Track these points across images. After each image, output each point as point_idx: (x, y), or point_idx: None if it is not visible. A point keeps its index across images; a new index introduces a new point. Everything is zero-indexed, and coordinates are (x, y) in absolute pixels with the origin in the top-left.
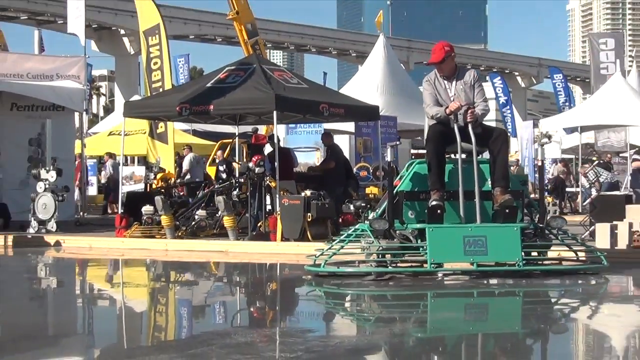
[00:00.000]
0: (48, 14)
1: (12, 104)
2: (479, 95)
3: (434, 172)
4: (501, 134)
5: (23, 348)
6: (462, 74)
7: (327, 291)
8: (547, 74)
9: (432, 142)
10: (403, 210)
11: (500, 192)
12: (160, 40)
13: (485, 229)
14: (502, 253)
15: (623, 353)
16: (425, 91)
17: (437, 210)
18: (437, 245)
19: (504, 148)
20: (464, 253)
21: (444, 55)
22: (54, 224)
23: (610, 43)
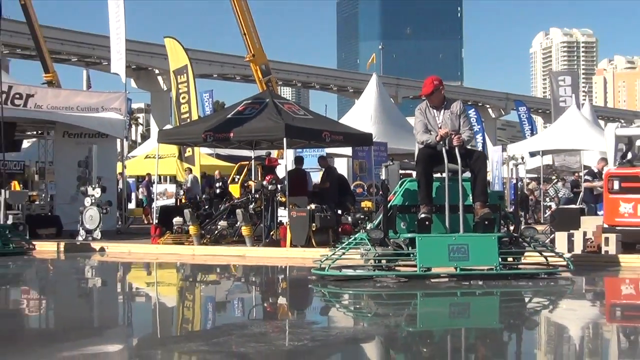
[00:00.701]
0: (95, 56)
1: (64, 132)
2: (465, 123)
3: (423, 189)
4: (480, 156)
5: (72, 337)
6: (449, 104)
7: (330, 291)
8: (514, 106)
9: (422, 163)
10: (396, 222)
11: (480, 206)
12: (188, 79)
13: (467, 238)
14: (482, 259)
15: (578, 340)
16: (416, 119)
17: (425, 221)
18: (426, 252)
19: (483, 168)
20: (448, 259)
21: (433, 88)
22: (99, 232)
23: (567, 80)
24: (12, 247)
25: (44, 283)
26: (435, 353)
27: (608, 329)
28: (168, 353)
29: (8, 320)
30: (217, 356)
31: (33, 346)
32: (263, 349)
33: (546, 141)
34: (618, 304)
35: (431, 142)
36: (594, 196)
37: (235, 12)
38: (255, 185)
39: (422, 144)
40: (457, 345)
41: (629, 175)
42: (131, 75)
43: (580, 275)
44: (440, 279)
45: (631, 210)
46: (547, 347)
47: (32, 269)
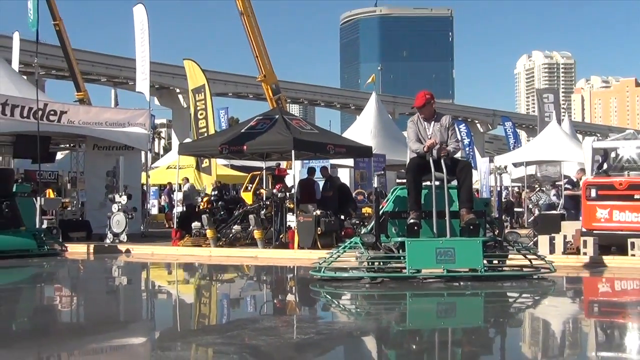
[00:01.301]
0: (122, 77)
1: (94, 145)
2: (452, 136)
3: (412, 196)
4: (466, 165)
5: (101, 330)
6: (439, 117)
7: (331, 291)
8: (500, 122)
9: (411, 172)
10: (388, 227)
11: (465, 212)
12: (205, 97)
13: (453, 242)
14: (468, 261)
15: (560, 334)
16: (409, 129)
17: (414, 227)
18: (415, 255)
19: (468, 176)
20: (436, 261)
21: (425, 102)
22: (125, 236)
23: (551, 97)
24: (46, 249)
25: (75, 281)
26: (427, 346)
27: (587, 324)
28: (187, 345)
29: (43, 315)
30: (232, 348)
31: (65, 339)
32: (273, 341)
33: (529, 153)
34: (596, 301)
35: (420, 152)
36: (574, 203)
37: (248, 38)
38: (266, 193)
39: (414, 152)
40: (444, 339)
41: (604, 184)
42: (154, 94)
43: (561, 275)
44: (429, 280)
45: (607, 216)
46: (531, 341)
47: (65, 268)
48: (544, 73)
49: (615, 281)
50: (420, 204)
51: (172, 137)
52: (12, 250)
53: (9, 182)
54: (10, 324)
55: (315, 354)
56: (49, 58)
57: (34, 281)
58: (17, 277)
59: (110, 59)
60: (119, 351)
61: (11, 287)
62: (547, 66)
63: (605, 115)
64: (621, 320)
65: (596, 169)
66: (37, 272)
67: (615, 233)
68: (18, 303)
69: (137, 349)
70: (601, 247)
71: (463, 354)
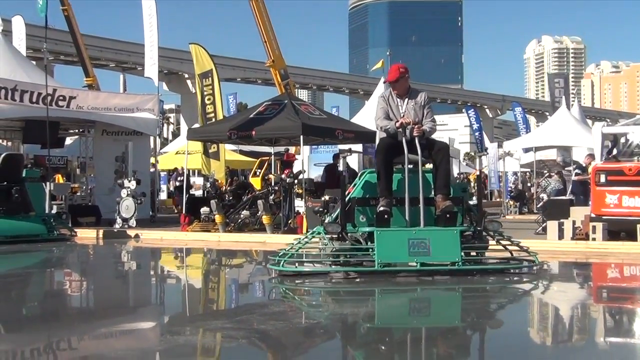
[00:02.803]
0: (130, 62)
1: (103, 130)
2: (428, 115)
3: (383, 181)
4: (443, 146)
5: (110, 315)
6: (414, 94)
7: (292, 287)
8: (509, 107)
9: (381, 154)
10: (355, 215)
11: (441, 199)
12: (213, 82)
13: (428, 232)
14: (444, 254)
15: (544, 335)
16: (378, 105)
17: (384, 215)
18: (385, 246)
19: (445, 159)
20: (408, 254)
21: (398, 76)
22: (134, 221)
23: (561, 82)
24: (56, 233)
25: (84, 266)
26: (397, 347)
27: (578, 327)
28: (195, 329)
29: (53, 300)
30: (241, 332)
31: (75, 323)
32: (281, 326)
33: (539, 138)
34: (582, 297)
35: (390, 129)
36: (583, 188)
37: (257, 23)
38: (274, 178)
39: (381, 129)
40: (417, 338)
41: (614, 169)
42: (163, 79)
43: (547, 268)
44: (402, 275)
45: (616, 202)
46: (512, 342)
47: (74, 253)
48: (554, 58)
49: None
50: (391, 190)
51: (180, 122)
52: (22, 235)
53: (19, 168)
54: (21, 309)
55: (320, 340)
56: (57, 43)
57: (43, 266)
58: (27, 262)
59: (119, 44)
60: (129, 335)
61: (21, 271)
62: (556, 51)
63: (615, 100)
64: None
65: (606, 155)
66: (47, 257)
67: (624, 219)
68: (28, 288)
69: (146, 333)
70: (610, 233)
71: (437, 356)
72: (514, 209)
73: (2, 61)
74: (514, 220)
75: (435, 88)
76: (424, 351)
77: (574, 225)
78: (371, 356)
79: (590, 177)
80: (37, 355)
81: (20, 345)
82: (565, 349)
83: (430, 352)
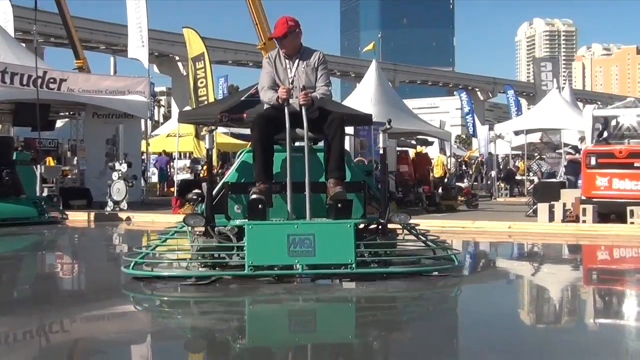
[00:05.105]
0: (121, 44)
1: (93, 113)
2: (322, 78)
3: (259, 162)
4: (336, 118)
5: (102, 297)
6: (307, 54)
7: (147, 297)
8: (501, 89)
9: (258, 128)
10: (229, 205)
11: (333, 184)
12: (205, 65)
13: (312, 226)
14: (332, 254)
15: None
16: (263, 70)
17: (258, 204)
18: (258, 245)
19: (338, 134)
20: (288, 254)
21: (286, 31)
22: (126, 203)
23: (549, 66)
24: (47, 216)
25: (76, 249)
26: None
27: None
28: (189, 313)
29: (44, 282)
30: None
31: (67, 306)
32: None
33: (530, 121)
34: (499, 311)
35: (274, 103)
36: (576, 169)
37: (248, 5)
38: None
39: (267, 103)
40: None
41: (604, 152)
42: (154, 62)
43: (466, 271)
44: (281, 281)
45: (606, 184)
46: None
47: (65, 236)
48: (545, 40)
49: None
50: (270, 173)
51: (172, 105)
52: (13, 218)
53: (9, 150)
54: (12, 292)
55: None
56: (47, 25)
57: (35, 249)
58: (18, 245)
59: (109, 26)
60: (120, 318)
61: (12, 254)
62: (548, 33)
63: (607, 83)
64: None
65: (596, 137)
66: (38, 240)
67: (614, 201)
68: (19, 271)
69: (137, 315)
70: (600, 215)
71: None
72: (504, 192)
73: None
74: (504, 202)
75: (426, 70)
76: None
77: (565, 208)
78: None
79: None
80: (29, 338)
81: (11, 328)
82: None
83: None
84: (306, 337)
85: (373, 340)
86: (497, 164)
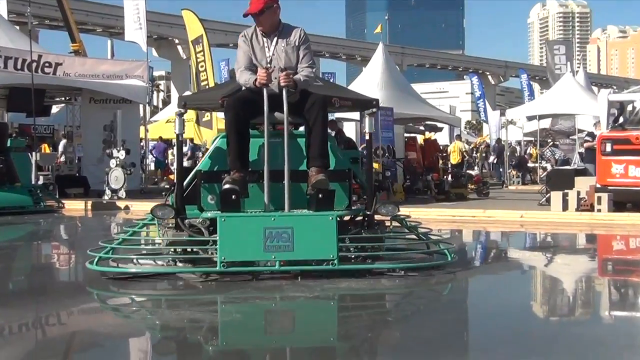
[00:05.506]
0: (118, 27)
1: (90, 98)
2: (305, 59)
3: (233, 148)
4: (318, 100)
5: (100, 287)
6: (286, 32)
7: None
8: (512, 73)
9: (233, 111)
10: (202, 195)
11: (315, 172)
12: (204, 48)
13: (291, 218)
14: (313, 249)
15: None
16: (239, 50)
17: (230, 195)
18: (231, 239)
19: (320, 117)
20: (264, 249)
21: (262, 6)
22: (124, 192)
23: (562, 49)
24: (43, 205)
25: (73, 239)
26: None
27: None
28: (190, 303)
29: (40, 273)
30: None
31: (63, 297)
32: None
33: (543, 106)
34: (508, 303)
35: (251, 86)
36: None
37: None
38: None
39: (244, 85)
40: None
41: (620, 138)
42: (152, 45)
43: (460, 267)
44: (264, 276)
45: (622, 171)
46: None
47: (62, 225)
48: (559, 22)
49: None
50: (245, 161)
51: (171, 89)
52: (8, 206)
53: (3, 137)
54: (7, 283)
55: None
56: (42, 7)
57: (30, 239)
58: (13, 234)
59: (106, 8)
60: (119, 309)
61: (7, 244)
62: (561, 15)
63: (622, 66)
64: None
65: (612, 123)
66: (34, 230)
67: (631, 189)
68: (14, 261)
69: (135, 306)
70: (615, 204)
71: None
72: (516, 179)
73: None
74: (516, 190)
75: (435, 54)
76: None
77: (579, 196)
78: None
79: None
80: (25, 330)
81: (7, 320)
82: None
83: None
84: (283, 341)
85: (357, 343)
86: (508, 150)
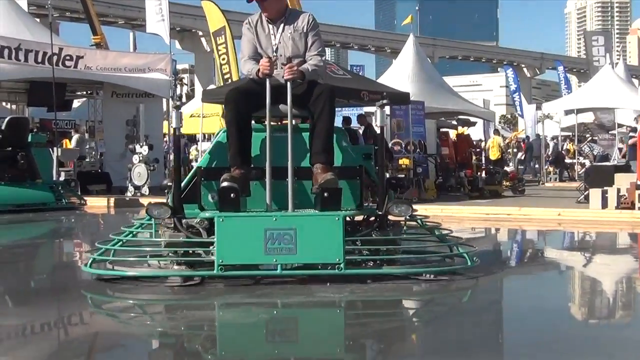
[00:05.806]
0: (140, 19)
1: (112, 92)
2: (314, 46)
3: (234, 143)
4: (325, 90)
5: (121, 287)
6: (293, 17)
7: (106, 299)
8: (549, 65)
9: (233, 103)
10: (202, 193)
11: (321, 169)
12: (226, 40)
13: (293, 218)
14: (317, 252)
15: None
16: (243, 38)
17: (229, 193)
18: (229, 240)
19: (326, 110)
20: (264, 251)
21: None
22: (147, 188)
23: (600, 40)
24: (64, 202)
25: (95, 237)
26: None
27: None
28: (206, 301)
29: (62, 271)
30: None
31: (86, 293)
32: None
33: (580, 100)
34: (544, 305)
35: (256, 78)
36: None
37: None
38: None
39: (248, 76)
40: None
41: None
42: (175, 37)
43: (481, 273)
44: (267, 279)
45: None
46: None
47: (84, 223)
48: (597, 12)
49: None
50: (246, 157)
51: (195, 83)
52: (29, 203)
53: (24, 132)
54: (29, 281)
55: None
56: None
57: (52, 236)
58: (34, 232)
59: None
60: (140, 307)
61: (28, 242)
62: (600, 5)
63: None
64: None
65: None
66: (55, 227)
67: None
68: (36, 259)
69: (130, 311)
70: None
71: None
72: (553, 176)
73: (4, 19)
74: (553, 188)
75: (468, 45)
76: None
77: (619, 194)
78: None
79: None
80: (47, 330)
81: (28, 319)
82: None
83: None
84: (285, 350)
85: (365, 354)
86: (545, 145)
